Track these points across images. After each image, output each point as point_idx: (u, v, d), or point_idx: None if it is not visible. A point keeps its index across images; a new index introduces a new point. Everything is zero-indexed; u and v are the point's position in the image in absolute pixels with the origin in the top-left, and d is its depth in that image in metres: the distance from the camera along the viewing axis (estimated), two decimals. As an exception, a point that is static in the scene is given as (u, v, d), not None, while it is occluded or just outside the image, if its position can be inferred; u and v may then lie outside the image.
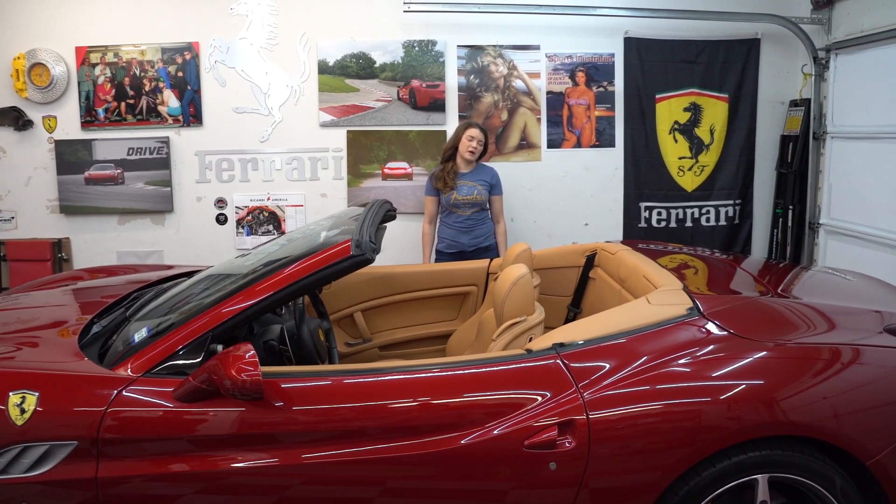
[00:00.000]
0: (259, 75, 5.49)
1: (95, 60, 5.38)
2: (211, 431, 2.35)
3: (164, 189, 5.55)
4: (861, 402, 2.54)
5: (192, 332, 2.50)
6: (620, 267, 3.59)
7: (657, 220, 5.88)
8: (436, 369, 2.53)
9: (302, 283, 2.57)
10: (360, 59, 5.53)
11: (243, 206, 5.61)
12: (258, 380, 2.20)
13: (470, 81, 5.60)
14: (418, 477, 2.37)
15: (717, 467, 2.43)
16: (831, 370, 2.58)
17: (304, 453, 2.33)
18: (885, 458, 2.48)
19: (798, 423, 2.45)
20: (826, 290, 3.51)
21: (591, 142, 5.76)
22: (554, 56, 5.66)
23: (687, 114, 5.79)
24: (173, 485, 2.32)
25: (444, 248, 5.00)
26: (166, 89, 5.47)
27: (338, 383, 2.46)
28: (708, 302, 2.82)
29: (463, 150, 4.88)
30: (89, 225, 5.60)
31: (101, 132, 5.48)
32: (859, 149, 5.09)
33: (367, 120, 5.57)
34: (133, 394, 2.37)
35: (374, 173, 5.62)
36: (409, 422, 2.38)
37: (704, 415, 2.41)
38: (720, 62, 5.78)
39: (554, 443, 2.34)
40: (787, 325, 2.82)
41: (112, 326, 2.97)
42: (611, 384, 2.42)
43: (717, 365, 2.53)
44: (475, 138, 4.86)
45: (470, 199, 4.89)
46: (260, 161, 5.59)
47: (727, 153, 5.88)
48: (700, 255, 4.12)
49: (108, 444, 2.31)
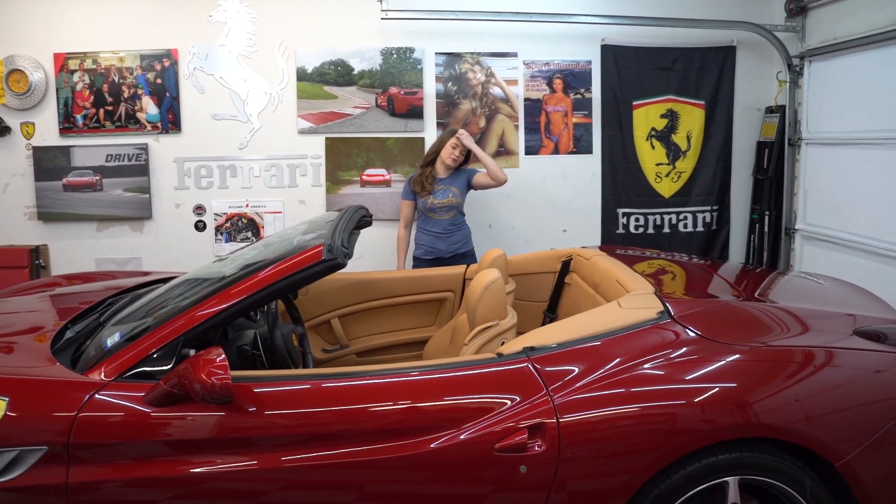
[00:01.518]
0: (238, 82, 5.50)
1: (74, 67, 5.37)
2: (182, 436, 2.34)
3: (142, 196, 5.54)
4: (832, 405, 2.57)
5: (165, 337, 2.49)
6: (595, 272, 3.61)
7: (635, 226, 5.92)
8: (405, 373, 2.53)
9: (274, 288, 2.56)
10: (339, 67, 5.54)
11: (222, 213, 5.60)
12: (228, 383, 2.19)
13: (448, 88, 5.63)
14: (388, 481, 2.37)
15: (687, 470, 2.44)
16: (803, 373, 2.60)
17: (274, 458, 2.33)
18: (854, 459, 2.50)
19: (770, 425, 2.48)
20: (800, 294, 3.54)
21: (569, 148, 5.79)
22: (531, 63, 5.69)
23: (664, 120, 5.84)
24: (145, 490, 2.31)
25: (422, 254, 5.00)
26: (145, 96, 5.46)
27: (308, 387, 2.46)
28: (679, 305, 2.84)
29: (445, 155, 4.89)
30: (67, 232, 5.57)
31: (79, 139, 5.46)
32: (834, 155, 5.14)
33: (345, 127, 5.58)
34: (104, 398, 2.36)
35: (353, 180, 5.63)
36: (377, 426, 2.38)
37: (674, 418, 2.43)
38: (696, 69, 5.83)
39: (524, 446, 2.35)
40: (760, 328, 2.84)
41: (86, 332, 2.96)
42: (581, 388, 2.44)
43: (688, 368, 2.55)
44: (459, 147, 4.87)
45: (445, 203, 4.90)
46: (238, 168, 5.58)
47: (704, 159, 5.93)
48: (677, 260, 4.14)
49: (79, 448, 2.29)
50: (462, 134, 4.87)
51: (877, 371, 2.68)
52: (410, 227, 5.15)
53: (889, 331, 2.89)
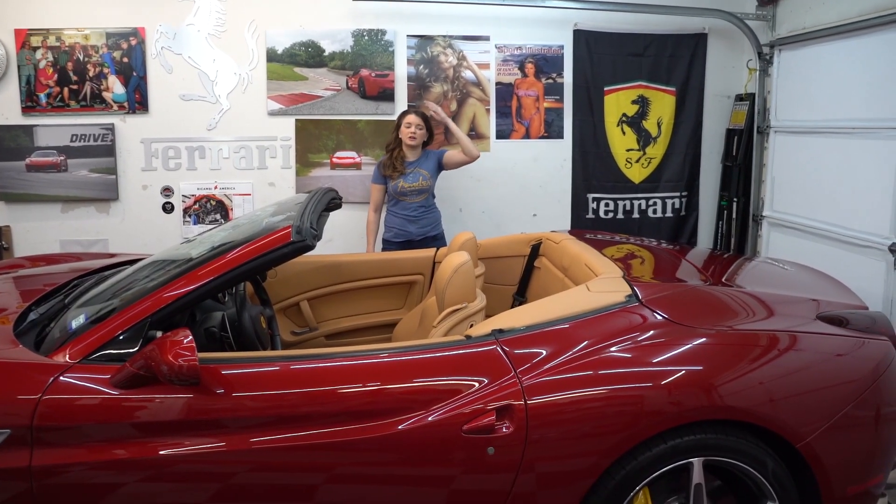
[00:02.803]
0: (206, 62, 5.42)
1: (36, 44, 5.26)
2: (148, 418, 2.33)
3: (108, 177, 5.46)
4: (795, 388, 2.62)
5: (131, 318, 2.46)
6: (564, 256, 3.63)
7: (605, 211, 5.95)
8: (373, 355, 2.54)
9: (242, 269, 2.55)
10: (309, 48, 5.49)
11: (190, 195, 5.55)
12: (195, 365, 2.18)
13: (419, 71, 5.60)
14: (356, 463, 2.38)
15: (653, 451, 2.48)
16: (768, 356, 2.65)
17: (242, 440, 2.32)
18: (815, 440, 2.56)
19: (735, 407, 2.52)
20: (765, 279, 3.59)
21: (540, 133, 5.80)
22: (503, 47, 5.68)
23: (635, 106, 5.86)
24: (111, 472, 2.29)
25: (392, 237, 4.99)
26: (111, 75, 5.37)
27: (276, 369, 2.46)
28: (647, 289, 2.87)
29: (404, 137, 4.88)
30: (31, 213, 5.47)
31: (42, 118, 5.35)
32: (801, 143, 5.20)
33: (315, 109, 5.54)
34: (69, 380, 2.33)
35: (323, 162, 5.59)
36: (345, 408, 2.38)
37: (641, 400, 2.46)
38: (668, 56, 5.85)
39: (492, 428, 2.36)
40: (726, 312, 2.88)
41: (50, 314, 2.92)
42: (549, 370, 2.45)
43: (655, 351, 2.58)
44: (412, 123, 4.86)
45: (416, 186, 4.89)
46: (207, 149, 5.52)
47: (674, 146, 5.97)
48: (646, 245, 4.18)
49: (42, 431, 2.27)
50: (429, 106, 4.85)
51: (838, 355, 2.73)
52: (380, 211, 5.13)
53: (851, 316, 2.94)
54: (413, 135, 4.86)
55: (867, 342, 2.78)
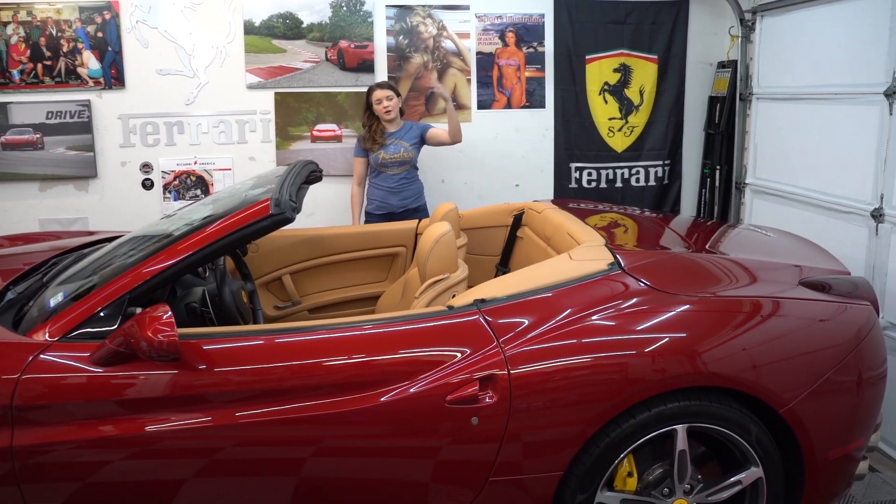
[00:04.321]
0: (183, 36, 5.33)
1: (7, 19, 5.14)
2: (130, 395, 2.32)
3: (86, 154, 5.38)
4: (777, 353, 2.63)
5: (110, 295, 2.44)
6: (546, 225, 3.62)
7: (587, 180, 5.93)
8: (355, 327, 2.53)
9: (221, 243, 2.53)
10: (287, 20, 5.41)
11: (170, 171, 5.48)
12: (174, 340, 2.17)
13: (399, 42, 5.54)
14: (340, 436, 2.38)
15: (637, 418, 2.49)
16: (751, 322, 2.66)
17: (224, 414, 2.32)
18: (797, 405, 2.58)
19: (718, 374, 2.53)
20: (748, 246, 3.60)
21: (522, 103, 5.76)
22: (484, 16, 5.62)
23: (617, 75, 5.83)
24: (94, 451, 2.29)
25: (374, 209, 4.96)
26: (86, 50, 5.27)
27: (257, 343, 2.45)
28: (629, 257, 2.86)
29: (380, 114, 4.85)
30: (8, 192, 5.39)
31: (16, 95, 5.24)
32: (783, 110, 5.19)
33: (294, 81, 5.47)
34: (49, 359, 2.32)
35: (303, 136, 5.53)
36: (327, 380, 2.38)
37: (625, 368, 2.47)
38: (649, 23, 5.80)
39: (475, 398, 2.36)
40: (709, 279, 2.89)
41: (28, 293, 2.89)
42: (532, 339, 2.45)
43: (638, 319, 2.59)
44: (382, 98, 4.83)
45: (397, 158, 4.85)
46: (186, 124, 5.45)
47: (656, 114, 5.94)
48: (630, 213, 4.18)
49: (23, 410, 2.26)
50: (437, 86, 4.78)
51: (821, 320, 2.74)
52: (364, 185, 5.10)
53: (833, 281, 2.96)
54: (387, 108, 4.82)
55: (849, 307, 2.79)
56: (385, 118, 4.84)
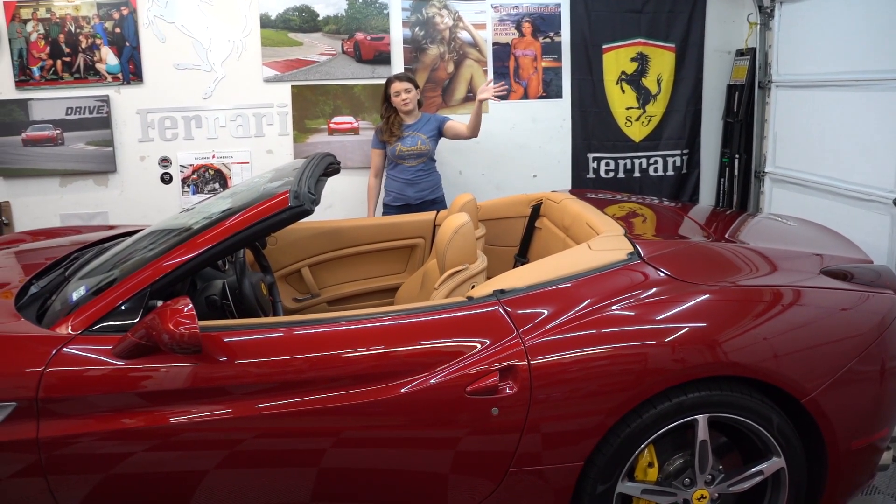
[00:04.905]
0: (200, 30, 5.35)
1: (27, 16, 5.18)
2: (152, 387, 2.33)
3: (105, 149, 5.42)
4: (799, 343, 2.61)
5: (131, 288, 2.46)
6: (565, 215, 3.60)
7: (605, 170, 5.91)
8: (374, 318, 2.53)
9: (241, 236, 2.53)
10: (303, 13, 5.42)
11: (188, 165, 5.51)
12: (196, 333, 2.18)
13: (415, 34, 5.53)
14: (360, 427, 2.39)
15: (658, 409, 2.48)
16: (772, 312, 2.63)
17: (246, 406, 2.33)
18: (820, 395, 2.55)
19: (739, 363, 2.51)
20: (769, 235, 3.57)
21: (539, 93, 5.74)
22: (499, 7, 5.60)
23: (634, 64, 5.80)
24: (117, 442, 2.31)
25: (391, 201, 4.97)
26: (104, 46, 5.31)
27: (278, 335, 2.46)
28: (649, 246, 2.85)
29: (398, 105, 4.84)
30: (30, 188, 5.45)
31: (37, 91, 5.30)
32: (803, 97, 5.14)
33: (311, 74, 5.48)
34: (72, 352, 2.34)
35: (320, 128, 5.55)
36: (348, 372, 2.38)
37: (645, 358, 2.45)
38: (666, 11, 5.77)
39: (495, 389, 2.36)
40: (729, 268, 2.87)
41: (51, 287, 2.91)
42: (551, 329, 2.45)
43: (658, 308, 2.57)
44: (401, 90, 4.82)
45: (414, 150, 4.85)
46: (204, 118, 5.47)
47: (674, 103, 5.91)
48: (648, 203, 4.16)
49: (48, 403, 2.28)
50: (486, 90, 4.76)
51: (842, 309, 2.71)
52: (381, 176, 5.11)
53: (855, 270, 2.93)
54: (406, 101, 4.81)
55: (872, 296, 2.76)
56: (403, 110, 4.84)
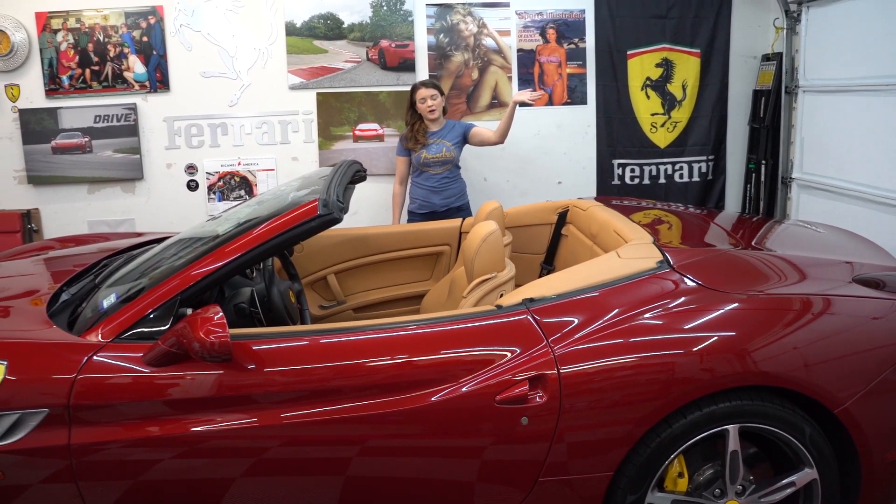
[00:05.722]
0: (226, 38, 5.40)
1: (57, 26, 5.26)
2: (181, 395, 2.34)
3: (133, 156, 5.47)
4: (830, 352, 2.57)
5: (161, 296, 2.47)
6: (592, 223, 3.59)
7: (630, 177, 5.88)
8: (404, 327, 2.53)
9: (270, 244, 2.54)
10: (328, 20, 5.45)
11: (214, 172, 5.55)
12: (226, 341, 2.18)
13: (440, 40, 5.54)
14: (389, 435, 2.38)
15: (688, 418, 2.45)
16: (802, 320, 2.60)
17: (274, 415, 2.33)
18: (853, 405, 2.51)
19: (769, 373, 2.48)
20: (797, 242, 3.54)
21: (563, 99, 5.74)
22: (524, 13, 5.60)
23: (659, 70, 5.77)
24: (147, 449, 2.32)
25: (416, 208, 4.97)
26: (131, 55, 5.37)
27: (306, 344, 2.46)
28: (678, 255, 2.83)
29: (423, 112, 4.84)
30: (58, 195, 5.51)
31: (66, 100, 5.37)
32: (831, 102, 5.09)
33: (336, 82, 5.51)
34: (103, 359, 2.35)
35: (346, 135, 5.57)
36: (377, 380, 2.38)
37: (675, 367, 2.43)
38: (692, 17, 5.74)
39: (525, 398, 2.35)
40: (759, 277, 2.83)
41: (81, 294, 2.94)
42: (581, 338, 2.43)
43: (688, 317, 2.54)
44: (426, 97, 4.81)
45: (439, 158, 4.85)
46: (229, 126, 5.51)
47: (700, 109, 5.87)
48: (674, 210, 4.13)
49: (79, 410, 2.29)
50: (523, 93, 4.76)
51: (875, 318, 2.67)
52: (406, 184, 5.11)
53: (887, 278, 2.88)
54: (431, 108, 4.81)
55: (905, 304, 2.71)
56: (429, 117, 4.84)
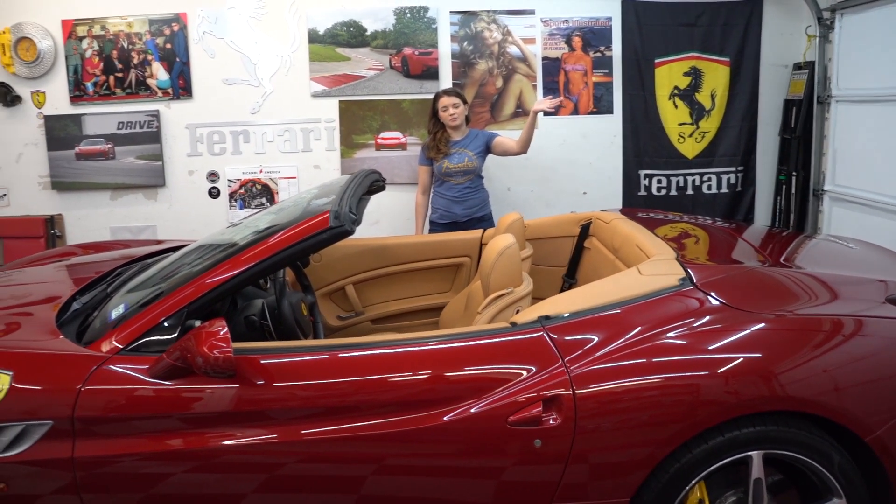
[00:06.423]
0: (248, 45, 5.40)
1: (82, 34, 5.29)
2: (187, 409, 2.31)
3: (155, 163, 5.48)
4: (862, 376, 2.46)
5: (168, 308, 2.44)
6: (615, 236, 3.51)
7: (657, 188, 5.79)
8: (415, 344, 2.47)
9: (280, 256, 2.50)
10: (351, 28, 5.42)
11: (236, 179, 5.54)
12: (230, 357, 2.14)
13: (463, 48, 5.49)
14: (401, 454, 2.33)
15: (709, 444, 2.36)
16: (832, 342, 2.49)
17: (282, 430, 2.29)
18: (886, 433, 2.40)
19: (796, 397, 2.38)
20: (828, 259, 3.43)
21: (589, 108, 5.66)
22: (549, 21, 5.54)
23: (687, 79, 5.68)
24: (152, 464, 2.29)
25: (438, 218, 4.91)
26: (155, 62, 5.38)
27: (315, 359, 2.42)
28: (702, 272, 2.73)
29: (445, 120, 4.79)
30: (81, 201, 5.55)
31: (90, 106, 5.41)
32: (865, 112, 4.98)
33: (359, 89, 5.48)
34: (108, 371, 2.32)
35: (368, 143, 5.53)
36: (385, 399, 2.33)
37: (696, 389, 2.34)
38: (721, 25, 5.65)
39: (539, 419, 2.27)
40: (786, 296, 2.74)
41: (92, 303, 2.92)
42: (597, 358, 2.35)
43: (711, 338, 2.45)
44: (448, 105, 4.75)
45: (461, 167, 4.79)
46: (251, 133, 5.51)
47: (729, 119, 5.77)
48: (701, 223, 4.04)
49: (84, 423, 2.26)
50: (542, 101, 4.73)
51: (909, 341, 2.56)
52: (428, 193, 5.06)
53: (923, 298, 2.77)
54: (454, 116, 4.76)
55: (942, 327, 2.60)
56: (451, 125, 4.79)
